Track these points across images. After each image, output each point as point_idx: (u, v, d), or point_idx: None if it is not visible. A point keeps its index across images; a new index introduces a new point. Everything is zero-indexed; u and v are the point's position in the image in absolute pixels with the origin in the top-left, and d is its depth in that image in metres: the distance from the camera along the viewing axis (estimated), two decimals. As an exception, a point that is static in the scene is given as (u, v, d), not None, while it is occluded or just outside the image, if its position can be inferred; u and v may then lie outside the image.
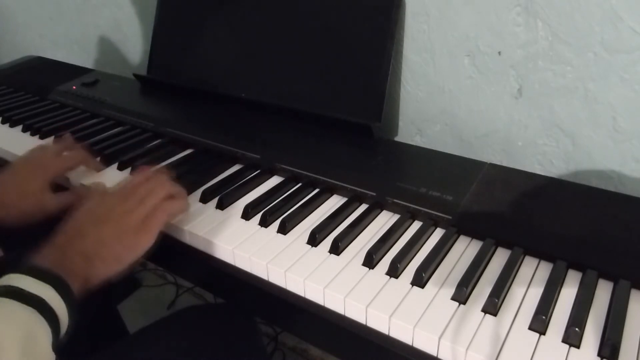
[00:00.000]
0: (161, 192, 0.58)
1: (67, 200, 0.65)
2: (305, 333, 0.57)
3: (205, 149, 0.77)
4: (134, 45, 1.18)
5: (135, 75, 0.99)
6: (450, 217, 0.57)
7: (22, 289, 0.44)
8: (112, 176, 0.71)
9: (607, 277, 0.50)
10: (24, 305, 0.43)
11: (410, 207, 0.60)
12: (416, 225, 0.59)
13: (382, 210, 0.62)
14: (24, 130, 0.88)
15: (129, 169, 0.73)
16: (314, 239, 0.56)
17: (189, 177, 0.68)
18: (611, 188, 0.66)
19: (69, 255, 0.50)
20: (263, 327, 1.26)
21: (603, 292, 0.49)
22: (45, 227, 0.54)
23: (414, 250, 0.54)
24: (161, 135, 0.82)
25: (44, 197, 0.64)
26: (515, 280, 0.51)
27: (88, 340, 0.79)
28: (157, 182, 0.59)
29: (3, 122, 0.91)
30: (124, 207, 0.55)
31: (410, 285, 0.50)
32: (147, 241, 0.55)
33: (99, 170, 0.73)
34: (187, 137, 0.79)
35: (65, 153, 0.71)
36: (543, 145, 0.70)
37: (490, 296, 0.47)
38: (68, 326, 0.47)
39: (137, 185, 0.58)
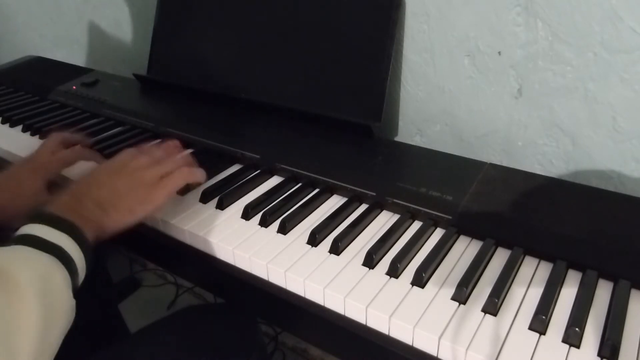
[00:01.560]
0: (180, 160, 0.60)
1: None
2: (305, 333, 0.57)
3: (205, 149, 0.76)
4: (134, 45, 1.18)
5: (135, 75, 0.99)
6: (450, 217, 0.57)
7: (38, 237, 0.45)
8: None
9: (607, 277, 0.50)
10: (41, 252, 0.44)
11: (410, 207, 0.60)
12: (416, 225, 0.59)
13: (382, 210, 0.62)
14: (24, 130, 0.88)
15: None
16: (314, 239, 0.56)
17: (189, 177, 0.68)
18: (611, 188, 0.66)
19: (84, 203, 0.52)
20: (263, 327, 1.26)
21: (603, 292, 0.49)
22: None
23: (414, 250, 0.54)
24: (161, 135, 0.82)
25: (39, 197, 0.64)
26: (515, 280, 0.51)
27: (88, 340, 0.79)
28: (175, 150, 0.62)
29: (3, 122, 0.91)
30: (138, 162, 0.57)
31: (410, 285, 0.50)
32: (159, 198, 0.56)
33: (100, 162, 0.73)
34: (187, 137, 0.79)
35: (61, 152, 0.71)
36: (543, 145, 0.70)
37: (490, 296, 0.47)
38: (85, 273, 0.48)
39: (153, 147, 0.61)
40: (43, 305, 0.40)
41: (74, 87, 1.01)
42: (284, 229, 0.58)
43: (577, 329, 0.43)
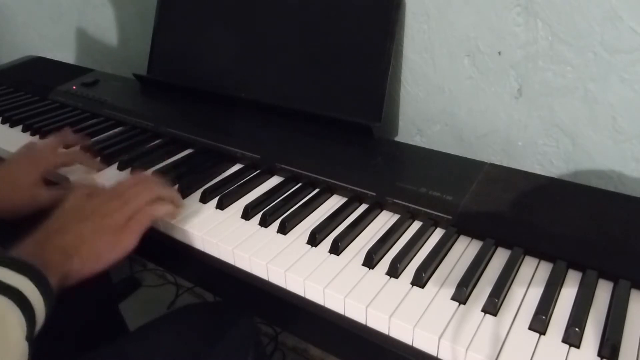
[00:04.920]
0: (147, 195, 0.58)
1: (59, 194, 0.66)
2: (305, 333, 0.57)
3: (205, 149, 0.76)
4: (134, 45, 1.18)
5: (135, 75, 0.99)
6: (450, 217, 0.57)
7: None
8: (112, 176, 0.71)
9: (607, 277, 0.50)
10: None
11: (410, 207, 0.60)
12: (416, 225, 0.59)
13: (382, 210, 0.62)
14: (24, 130, 0.88)
15: (129, 169, 0.73)
16: (314, 239, 0.56)
17: (189, 177, 0.68)
18: (611, 188, 0.66)
19: (47, 249, 0.50)
20: (263, 327, 1.26)
21: (603, 292, 0.49)
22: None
23: (414, 250, 0.54)
24: (161, 135, 0.82)
25: (35, 190, 0.64)
26: (515, 280, 0.51)
27: (89, 340, 0.79)
28: (146, 184, 0.59)
29: (3, 122, 0.91)
30: (107, 207, 0.55)
31: (410, 285, 0.50)
32: (127, 242, 0.55)
33: (98, 169, 0.73)
34: (187, 137, 0.79)
35: (61, 150, 0.72)
36: (543, 145, 0.70)
37: (490, 296, 0.47)
38: (45, 317, 0.46)
39: (125, 187, 0.58)
40: None
41: (74, 87, 1.01)
42: (284, 229, 0.58)
43: (577, 329, 0.43)
